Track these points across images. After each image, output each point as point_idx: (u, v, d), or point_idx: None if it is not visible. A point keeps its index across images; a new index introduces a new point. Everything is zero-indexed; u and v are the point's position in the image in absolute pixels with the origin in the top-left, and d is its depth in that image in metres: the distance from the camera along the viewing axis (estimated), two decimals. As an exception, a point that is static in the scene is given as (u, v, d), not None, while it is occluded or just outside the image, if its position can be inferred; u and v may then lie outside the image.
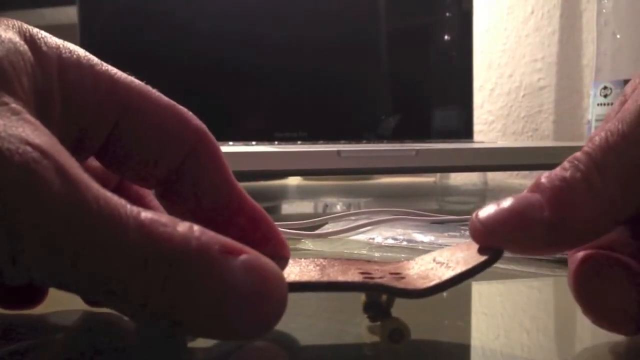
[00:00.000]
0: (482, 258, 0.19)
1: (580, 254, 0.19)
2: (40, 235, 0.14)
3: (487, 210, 0.19)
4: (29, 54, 0.18)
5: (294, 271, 0.20)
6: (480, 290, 0.29)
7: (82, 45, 0.20)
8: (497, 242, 0.19)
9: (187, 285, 0.15)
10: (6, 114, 0.15)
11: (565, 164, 0.19)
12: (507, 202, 0.19)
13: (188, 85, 0.77)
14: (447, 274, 0.19)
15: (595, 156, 0.18)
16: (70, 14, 0.89)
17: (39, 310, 0.23)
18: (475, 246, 0.19)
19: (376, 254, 0.36)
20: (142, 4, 0.76)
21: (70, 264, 0.14)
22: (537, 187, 0.19)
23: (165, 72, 0.76)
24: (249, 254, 0.16)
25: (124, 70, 0.21)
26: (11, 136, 0.14)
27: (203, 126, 0.22)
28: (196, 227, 0.16)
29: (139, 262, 0.15)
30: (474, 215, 0.19)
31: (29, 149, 0.14)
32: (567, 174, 0.18)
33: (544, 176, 0.19)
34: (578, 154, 0.19)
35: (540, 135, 1.03)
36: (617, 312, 0.19)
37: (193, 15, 0.77)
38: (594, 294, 0.19)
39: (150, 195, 0.25)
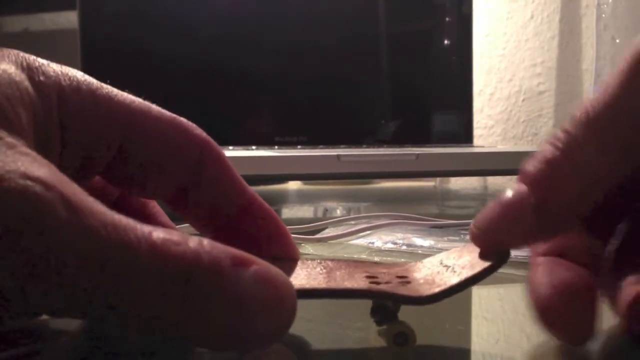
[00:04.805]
0: (487, 263, 0.19)
1: (547, 285, 0.19)
2: (51, 268, 0.14)
3: (480, 214, 0.19)
4: (26, 83, 0.17)
5: (300, 274, 0.20)
6: (481, 295, 0.29)
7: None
8: (494, 238, 0.19)
9: (202, 301, 0.15)
10: (1, 149, 0.15)
11: (545, 145, 0.19)
12: (495, 200, 0.19)
13: (188, 90, 0.77)
14: (453, 279, 0.19)
15: (576, 132, 0.18)
16: (70, 18, 0.90)
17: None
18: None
19: (376, 258, 0.36)
20: (143, 9, 0.76)
21: (82, 296, 0.14)
22: (523, 175, 0.19)
23: (165, 77, 0.76)
24: (258, 265, 0.16)
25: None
26: (9, 172, 0.14)
27: (205, 135, 0.22)
28: (206, 242, 0.15)
29: (155, 286, 0.14)
30: (471, 225, 0.19)
31: (29, 182, 0.14)
32: (548, 153, 0.19)
33: (528, 163, 0.19)
34: (557, 132, 0.19)
35: (540, 139, 1.03)
36: (574, 330, 0.19)
37: (193, 20, 0.77)
38: (560, 321, 0.19)
39: (152, 201, 0.25)
